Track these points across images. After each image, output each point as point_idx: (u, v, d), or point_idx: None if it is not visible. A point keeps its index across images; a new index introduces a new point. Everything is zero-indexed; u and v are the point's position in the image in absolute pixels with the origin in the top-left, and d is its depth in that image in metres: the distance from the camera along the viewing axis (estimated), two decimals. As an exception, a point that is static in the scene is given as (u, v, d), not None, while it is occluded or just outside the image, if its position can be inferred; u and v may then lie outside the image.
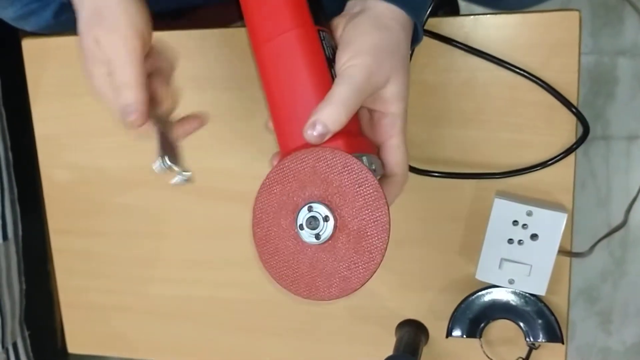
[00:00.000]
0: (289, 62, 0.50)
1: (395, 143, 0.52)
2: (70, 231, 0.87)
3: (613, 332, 1.51)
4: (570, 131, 0.68)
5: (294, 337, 0.82)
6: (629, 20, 1.35)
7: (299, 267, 0.49)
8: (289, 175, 0.48)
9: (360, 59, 0.49)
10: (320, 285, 0.49)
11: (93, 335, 0.90)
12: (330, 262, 0.48)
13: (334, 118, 0.47)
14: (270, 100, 0.52)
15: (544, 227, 0.68)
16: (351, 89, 0.48)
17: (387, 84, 0.50)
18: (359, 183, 0.46)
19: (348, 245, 0.47)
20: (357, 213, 0.46)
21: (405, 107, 0.52)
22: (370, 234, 0.46)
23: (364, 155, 0.49)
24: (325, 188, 0.47)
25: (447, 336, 0.75)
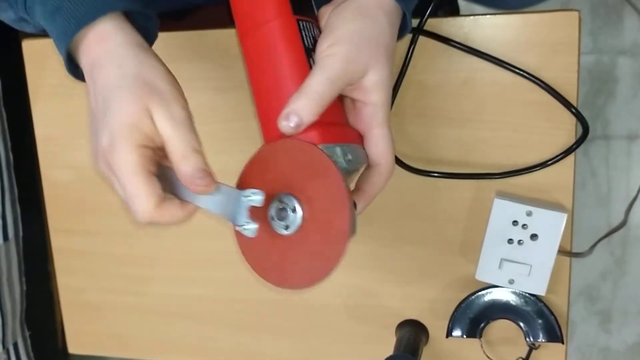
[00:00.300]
0: (265, 54, 0.51)
1: (378, 133, 0.51)
2: (70, 231, 0.87)
3: (613, 331, 1.51)
4: (570, 131, 0.68)
5: (293, 336, 0.82)
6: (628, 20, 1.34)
7: (271, 257, 0.50)
8: (261, 166, 0.49)
9: (338, 47, 0.48)
10: (290, 274, 0.49)
11: (93, 336, 0.90)
12: (300, 252, 0.48)
13: (307, 109, 0.47)
14: (253, 92, 0.53)
15: (544, 227, 0.68)
16: (326, 79, 0.48)
17: (367, 73, 0.49)
18: (322, 174, 0.46)
19: (315, 235, 0.47)
20: (322, 204, 0.47)
21: (388, 97, 0.51)
22: (334, 224, 0.46)
23: (337, 146, 0.48)
24: (294, 179, 0.48)
25: (447, 336, 0.75)
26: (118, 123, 0.47)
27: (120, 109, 0.47)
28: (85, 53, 0.50)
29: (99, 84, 0.49)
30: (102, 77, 0.49)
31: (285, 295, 0.81)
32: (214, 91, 0.76)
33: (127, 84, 0.48)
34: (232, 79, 0.75)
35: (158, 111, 0.47)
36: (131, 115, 0.47)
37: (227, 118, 0.76)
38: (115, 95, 0.48)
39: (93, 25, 0.49)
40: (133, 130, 0.46)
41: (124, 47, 0.49)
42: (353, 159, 0.49)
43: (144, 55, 0.50)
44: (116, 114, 0.47)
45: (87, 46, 0.50)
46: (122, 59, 0.49)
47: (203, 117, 0.77)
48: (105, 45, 0.49)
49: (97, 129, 0.49)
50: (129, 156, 0.46)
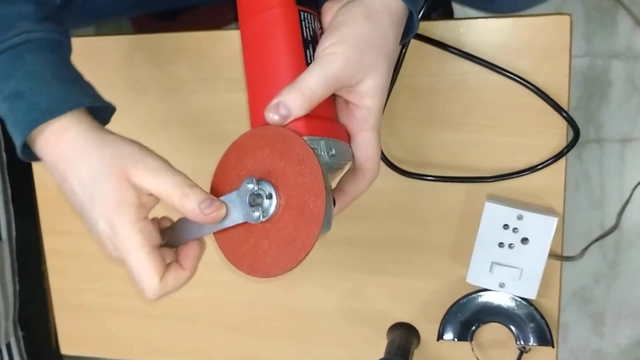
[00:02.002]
0: (262, 40, 0.51)
1: (366, 137, 0.51)
2: (63, 232, 0.87)
3: (606, 334, 1.51)
4: (561, 135, 0.68)
5: (286, 338, 0.82)
6: (622, 23, 1.35)
7: (244, 244, 0.50)
8: (243, 151, 0.49)
9: (342, 47, 0.48)
10: (260, 262, 0.49)
11: (87, 337, 0.90)
12: (272, 239, 0.48)
13: (298, 104, 0.47)
14: (246, 78, 0.53)
15: (535, 231, 0.68)
16: (322, 78, 0.48)
17: (365, 78, 0.49)
18: (302, 163, 0.46)
19: (288, 223, 0.47)
20: (298, 192, 0.46)
21: (381, 103, 0.51)
22: (307, 213, 0.46)
23: (322, 139, 0.48)
24: (273, 166, 0.47)
25: (438, 339, 0.75)
26: (107, 207, 0.47)
27: (101, 193, 0.47)
28: (44, 149, 0.50)
29: (71, 180, 0.49)
30: (72, 173, 0.49)
31: (279, 298, 0.81)
32: (206, 93, 0.76)
33: (98, 165, 0.48)
34: (225, 80, 0.75)
35: (134, 171, 0.48)
36: (113, 191, 0.47)
37: (220, 120, 0.76)
38: (93, 184, 0.48)
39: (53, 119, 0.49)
40: (123, 208, 0.47)
41: (84, 136, 0.49)
42: (337, 154, 0.49)
43: (103, 135, 0.50)
44: (100, 199, 0.48)
45: (46, 140, 0.49)
46: (87, 149, 0.49)
47: (195, 119, 0.77)
48: (64, 139, 0.49)
49: (91, 220, 0.49)
50: (129, 237, 0.47)
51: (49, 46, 0.52)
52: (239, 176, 0.49)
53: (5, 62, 0.50)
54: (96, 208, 0.48)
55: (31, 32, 0.51)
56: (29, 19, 0.51)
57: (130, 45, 0.78)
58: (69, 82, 0.51)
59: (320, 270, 0.78)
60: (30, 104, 0.49)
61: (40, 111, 0.48)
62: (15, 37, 0.50)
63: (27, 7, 0.52)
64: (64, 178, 0.50)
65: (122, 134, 0.80)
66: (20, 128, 0.49)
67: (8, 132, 0.52)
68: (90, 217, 0.49)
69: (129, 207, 0.47)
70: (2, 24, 0.51)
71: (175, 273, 0.50)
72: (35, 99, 0.49)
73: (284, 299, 0.81)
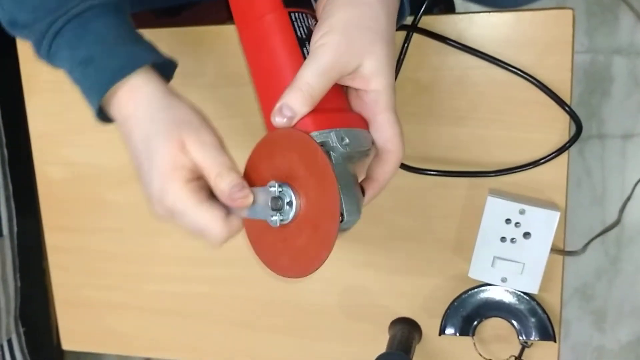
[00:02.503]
0: (259, 47, 0.52)
1: (382, 119, 0.51)
2: (65, 228, 0.87)
3: (608, 330, 1.51)
4: (564, 129, 0.68)
5: (287, 334, 0.82)
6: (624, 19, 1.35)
7: (267, 238, 0.51)
8: (262, 157, 0.51)
9: (330, 37, 0.49)
10: (277, 260, 0.51)
11: (88, 332, 0.90)
12: (289, 243, 0.49)
13: (300, 101, 0.48)
14: (254, 86, 0.54)
15: (537, 225, 0.68)
16: (317, 70, 0.48)
17: (363, 61, 0.49)
18: (313, 163, 0.47)
19: (304, 233, 0.48)
20: (314, 199, 0.47)
21: (389, 83, 0.51)
22: (321, 218, 0.47)
23: (332, 131, 0.48)
24: (293, 169, 0.48)
25: (440, 334, 0.75)
26: (161, 167, 0.49)
27: (158, 154, 0.49)
28: (116, 107, 0.52)
29: (135, 137, 0.51)
30: (136, 131, 0.51)
31: (280, 293, 0.81)
32: (210, 88, 0.76)
33: (159, 129, 0.50)
34: (228, 75, 0.75)
35: (189, 139, 0.50)
36: (169, 155, 0.49)
37: (224, 115, 0.76)
38: (152, 143, 0.50)
39: (124, 79, 0.51)
40: (176, 170, 0.49)
41: (152, 97, 0.52)
42: (352, 142, 0.49)
43: (169, 98, 0.52)
44: (157, 160, 0.50)
45: (118, 100, 0.52)
46: (152, 110, 0.51)
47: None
48: (135, 97, 0.52)
49: (145, 178, 0.51)
50: (182, 194, 0.49)
51: (111, 10, 0.54)
52: (263, 177, 0.50)
53: (74, 30, 0.52)
54: (153, 167, 0.50)
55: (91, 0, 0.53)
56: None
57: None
58: (133, 43, 0.53)
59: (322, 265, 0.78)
60: (101, 67, 0.51)
61: (111, 72, 0.51)
62: (79, 4, 0.52)
63: None
64: (130, 136, 0.52)
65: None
66: (95, 90, 0.52)
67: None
68: (146, 176, 0.51)
69: (181, 169, 0.49)
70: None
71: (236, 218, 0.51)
72: (105, 63, 0.51)
73: (285, 294, 0.81)
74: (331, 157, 0.48)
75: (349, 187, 0.48)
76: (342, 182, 0.47)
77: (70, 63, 0.53)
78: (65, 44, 0.52)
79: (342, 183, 0.47)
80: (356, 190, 0.49)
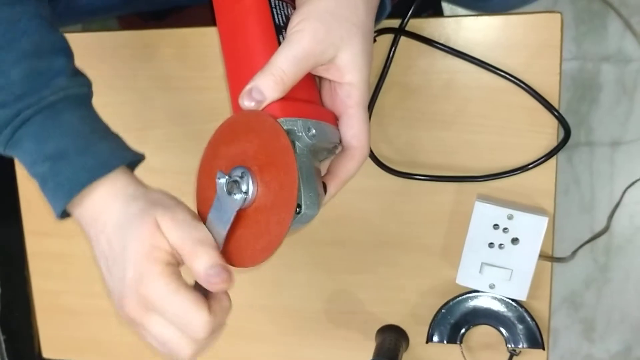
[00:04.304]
0: (235, 32, 0.51)
1: (351, 113, 0.50)
2: (46, 233, 0.85)
3: (596, 340, 1.51)
4: (552, 134, 0.68)
5: (272, 341, 0.81)
6: (612, 26, 1.35)
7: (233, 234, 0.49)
8: (223, 138, 0.49)
9: (307, 23, 0.47)
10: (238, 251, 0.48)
11: (69, 340, 0.89)
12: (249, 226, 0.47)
13: (271, 86, 0.47)
14: (225, 69, 0.53)
15: (525, 231, 0.67)
16: (291, 57, 0.47)
17: (339, 52, 0.48)
18: (273, 141, 0.45)
19: (261, 216, 0.46)
20: (270, 179, 0.46)
21: (362, 77, 0.50)
22: (277, 207, 0.45)
23: (299, 120, 0.47)
24: (250, 150, 0.47)
25: (427, 342, 0.74)
26: (138, 251, 0.46)
27: (134, 239, 0.46)
28: (86, 203, 0.49)
29: (108, 231, 0.48)
30: (109, 224, 0.48)
31: (264, 299, 0.80)
32: (193, 90, 0.75)
33: (135, 213, 0.47)
34: (211, 78, 0.74)
35: (163, 218, 0.47)
36: (146, 237, 0.46)
37: (206, 118, 0.75)
38: (128, 231, 0.47)
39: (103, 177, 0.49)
40: (153, 251, 0.46)
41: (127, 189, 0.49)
42: (319, 135, 0.48)
43: (142, 187, 0.50)
44: (133, 244, 0.46)
45: (91, 196, 0.49)
46: (128, 199, 0.48)
47: (181, 117, 0.76)
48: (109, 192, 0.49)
49: (117, 270, 0.47)
50: (161, 278, 0.45)
51: (83, 101, 0.51)
52: (214, 167, 0.49)
53: (43, 121, 0.49)
54: (128, 253, 0.46)
55: (67, 89, 0.50)
56: (63, 74, 0.50)
57: (116, 42, 0.77)
58: (109, 138, 0.51)
59: (308, 272, 0.77)
60: (77, 164, 0.48)
61: (89, 170, 0.48)
62: (56, 92, 0.49)
63: (59, 61, 0.51)
64: (101, 231, 0.49)
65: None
66: (66, 188, 0.48)
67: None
68: (117, 268, 0.47)
69: (159, 250, 0.46)
70: (38, 81, 0.49)
71: (217, 302, 0.47)
72: (81, 160, 0.48)
73: (270, 300, 0.80)
74: (295, 146, 0.47)
75: (310, 179, 0.47)
76: (303, 173, 0.46)
77: (34, 156, 0.49)
78: (32, 135, 0.48)
79: (303, 174, 0.46)
80: (318, 184, 0.48)
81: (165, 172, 0.77)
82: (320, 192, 0.48)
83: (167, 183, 0.77)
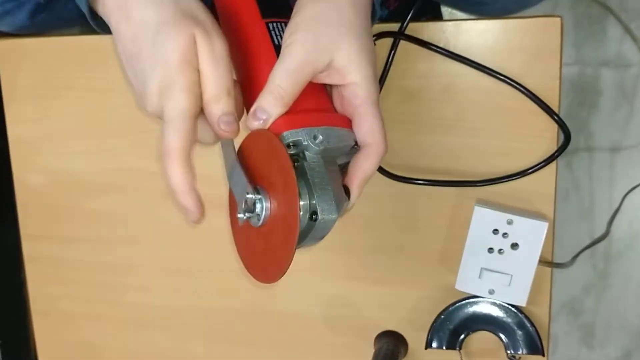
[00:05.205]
0: (241, 56, 0.53)
1: (361, 112, 0.50)
2: (42, 237, 0.85)
3: (596, 346, 1.50)
4: (552, 139, 0.67)
5: (270, 347, 0.80)
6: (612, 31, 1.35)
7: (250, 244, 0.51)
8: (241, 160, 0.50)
9: (296, 36, 0.48)
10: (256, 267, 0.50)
11: (65, 345, 0.88)
12: (262, 245, 0.49)
13: (272, 103, 0.47)
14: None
15: (525, 236, 0.67)
16: (286, 71, 0.47)
17: (334, 56, 0.48)
18: (274, 160, 0.47)
19: (274, 231, 0.48)
20: (278, 195, 0.47)
21: (366, 74, 0.49)
22: (283, 222, 0.47)
23: (302, 130, 0.48)
24: (263, 170, 0.48)
25: (426, 347, 0.73)
26: (171, 60, 0.46)
27: (171, 44, 0.46)
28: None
29: (134, 22, 0.48)
30: (137, 14, 0.48)
31: (261, 305, 0.79)
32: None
33: (170, 17, 0.47)
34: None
35: (201, 43, 0.46)
36: (183, 49, 0.46)
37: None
38: (160, 33, 0.46)
39: None
40: (187, 67, 0.46)
41: None
42: (327, 140, 0.48)
43: None
44: (168, 50, 0.46)
45: None
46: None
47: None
48: None
49: (144, 71, 0.47)
50: (183, 96, 0.46)
51: None
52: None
53: None
54: (157, 57, 0.46)
55: None
56: None
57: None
58: None
59: (306, 277, 0.77)
60: None
61: None
62: None
63: None
64: (128, 18, 0.48)
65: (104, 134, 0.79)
66: None
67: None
68: (145, 66, 0.47)
69: (192, 69, 0.46)
70: None
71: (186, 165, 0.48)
72: None
73: (268, 306, 0.79)
74: (305, 156, 0.48)
75: (324, 185, 0.47)
76: (316, 179, 0.47)
77: None
78: None
79: (316, 181, 0.47)
80: (336, 188, 0.48)
81: (164, 176, 0.77)
82: (340, 196, 0.49)
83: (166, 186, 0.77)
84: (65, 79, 0.78)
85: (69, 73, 0.78)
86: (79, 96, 0.78)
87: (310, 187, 0.47)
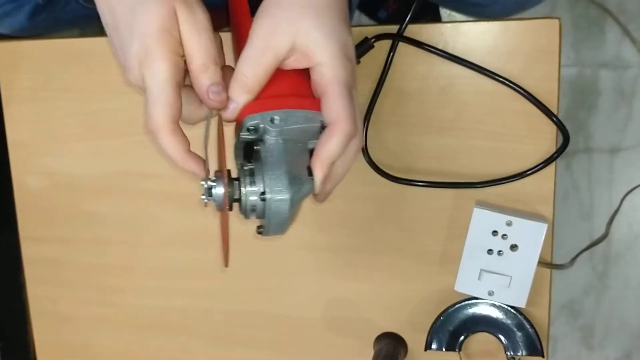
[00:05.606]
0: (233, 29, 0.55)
1: (328, 91, 0.49)
2: (41, 239, 0.85)
3: (596, 347, 1.50)
4: (551, 140, 0.68)
5: (269, 348, 0.80)
6: (610, 33, 1.35)
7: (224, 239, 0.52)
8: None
9: (255, 23, 0.49)
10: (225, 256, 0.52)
11: (64, 347, 0.88)
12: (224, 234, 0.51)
13: (237, 92, 0.48)
14: None
15: (524, 237, 0.67)
16: (247, 59, 0.48)
17: (296, 38, 0.48)
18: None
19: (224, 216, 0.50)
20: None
21: (332, 54, 0.48)
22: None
23: (260, 114, 0.48)
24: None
25: (425, 349, 0.73)
26: (149, 29, 0.46)
27: (149, 14, 0.46)
28: None
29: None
30: None
31: (261, 306, 0.79)
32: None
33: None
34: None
35: (182, 14, 0.47)
36: (162, 19, 0.46)
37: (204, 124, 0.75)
38: (142, 1, 0.47)
39: None
40: (165, 36, 0.46)
41: None
42: (282, 121, 0.48)
43: None
44: (146, 20, 0.46)
45: None
46: None
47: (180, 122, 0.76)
48: None
49: (123, 41, 0.48)
50: (161, 65, 0.46)
51: None
52: None
53: None
54: (136, 30, 0.47)
55: None
56: None
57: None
58: None
59: (305, 278, 0.77)
60: None
61: None
62: None
63: None
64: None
65: (103, 136, 0.79)
66: None
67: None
68: (123, 39, 0.48)
69: (171, 38, 0.46)
70: None
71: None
72: None
73: (267, 307, 0.79)
74: (265, 140, 0.49)
75: (276, 165, 0.48)
76: (269, 159, 0.48)
77: None
78: None
79: (269, 161, 0.48)
80: (293, 169, 0.48)
81: (165, 177, 0.77)
82: (298, 176, 0.48)
83: (165, 188, 0.77)
84: (64, 81, 0.78)
85: (67, 75, 0.78)
86: (78, 98, 0.78)
87: (262, 167, 0.47)
